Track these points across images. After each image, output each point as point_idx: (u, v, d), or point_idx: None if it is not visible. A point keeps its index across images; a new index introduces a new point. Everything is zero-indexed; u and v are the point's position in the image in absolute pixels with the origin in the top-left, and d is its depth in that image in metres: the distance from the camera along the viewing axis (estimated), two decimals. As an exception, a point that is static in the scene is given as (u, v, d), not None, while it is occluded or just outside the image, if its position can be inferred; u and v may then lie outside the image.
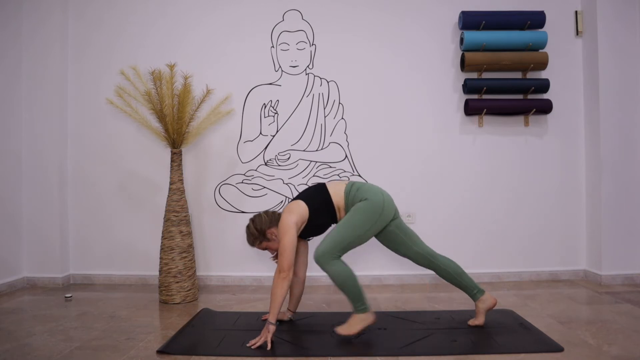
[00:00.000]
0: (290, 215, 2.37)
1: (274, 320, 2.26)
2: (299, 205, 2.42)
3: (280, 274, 2.28)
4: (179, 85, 3.19)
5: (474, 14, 3.50)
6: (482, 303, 2.52)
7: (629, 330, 2.41)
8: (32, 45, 3.62)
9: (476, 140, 3.63)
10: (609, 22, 3.46)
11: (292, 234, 2.32)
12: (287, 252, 2.28)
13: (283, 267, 2.27)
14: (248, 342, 2.26)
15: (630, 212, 3.46)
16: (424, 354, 2.15)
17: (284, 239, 2.31)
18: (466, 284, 2.53)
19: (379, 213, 2.41)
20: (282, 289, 2.27)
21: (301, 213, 2.40)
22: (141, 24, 3.69)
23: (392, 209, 2.47)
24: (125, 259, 3.68)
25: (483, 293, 2.53)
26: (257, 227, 2.47)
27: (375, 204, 2.40)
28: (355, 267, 3.55)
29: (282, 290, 2.27)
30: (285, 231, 2.32)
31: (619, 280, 3.42)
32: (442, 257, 2.56)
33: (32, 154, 3.63)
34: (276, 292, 2.27)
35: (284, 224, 2.34)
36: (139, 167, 3.68)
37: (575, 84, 3.65)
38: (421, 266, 2.59)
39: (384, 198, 2.44)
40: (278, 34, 3.65)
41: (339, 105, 3.65)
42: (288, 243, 2.30)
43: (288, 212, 2.39)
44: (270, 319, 2.26)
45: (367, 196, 2.42)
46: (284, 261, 2.28)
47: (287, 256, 2.28)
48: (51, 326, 2.60)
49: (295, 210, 2.39)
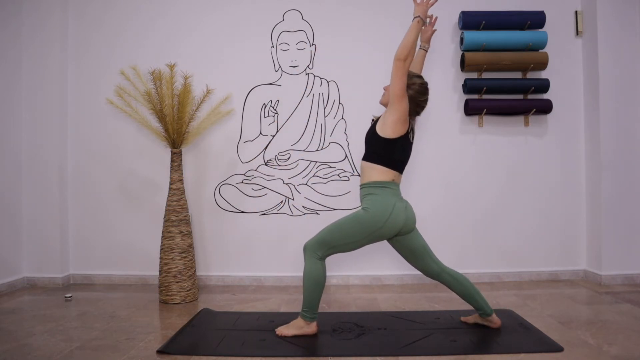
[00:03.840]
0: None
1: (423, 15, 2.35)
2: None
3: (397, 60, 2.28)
4: (179, 85, 3.19)
5: (474, 14, 3.50)
6: (484, 320, 2.50)
7: (629, 330, 2.42)
8: (32, 45, 3.62)
9: (476, 140, 3.63)
10: (609, 22, 3.46)
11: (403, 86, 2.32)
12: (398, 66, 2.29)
13: (399, 55, 2.28)
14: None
15: (630, 212, 3.46)
16: (424, 354, 2.16)
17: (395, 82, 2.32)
18: (475, 304, 2.47)
19: (377, 228, 2.31)
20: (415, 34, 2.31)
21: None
22: (141, 24, 3.69)
23: (396, 227, 2.33)
24: (125, 259, 3.68)
25: (490, 315, 2.46)
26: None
27: (374, 218, 2.30)
28: (356, 267, 3.60)
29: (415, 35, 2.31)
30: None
31: (619, 280, 3.42)
32: (447, 275, 2.46)
33: (32, 154, 3.63)
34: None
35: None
36: (139, 167, 3.68)
37: (575, 84, 3.65)
38: (430, 277, 2.52)
39: (389, 217, 2.30)
40: (278, 34, 3.65)
41: (339, 105, 3.65)
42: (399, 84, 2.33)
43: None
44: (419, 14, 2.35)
45: (370, 208, 2.32)
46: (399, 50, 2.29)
47: (401, 53, 2.29)
48: (51, 326, 2.60)
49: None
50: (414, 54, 2.34)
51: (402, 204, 2.38)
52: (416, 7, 2.41)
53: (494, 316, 2.47)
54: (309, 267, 2.33)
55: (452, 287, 2.48)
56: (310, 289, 2.33)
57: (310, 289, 2.33)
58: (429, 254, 2.48)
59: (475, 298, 2.45)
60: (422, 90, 2.42)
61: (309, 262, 2.34)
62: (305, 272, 2.34)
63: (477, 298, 2.45)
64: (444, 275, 2.46)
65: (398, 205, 2.34)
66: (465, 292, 2.46)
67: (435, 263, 2.48)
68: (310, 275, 2.33)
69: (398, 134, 2.35)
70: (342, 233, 2.35)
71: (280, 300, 3.17)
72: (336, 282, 3.59)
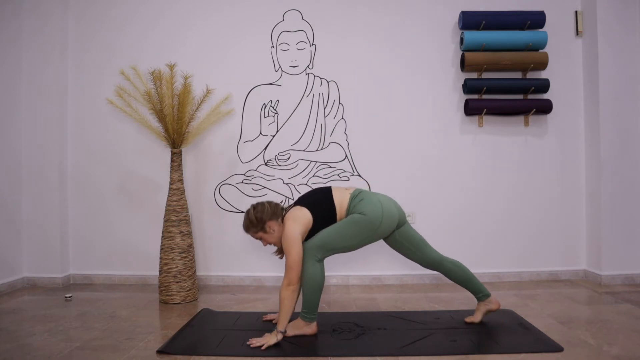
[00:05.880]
0: (295, 225, 2.34)
1: (283, 329, 2.27)
2: (304, 215, 2.38)
3: (289, 286, 2.27)
4: (179, 85, 3.19)
5: (474, 14, 3.50)
6: (485, 304, 2.56)
7: (629, 330, 2.41)
8: (32, 46, 3.62)
9: (476, 140, 3.63)
10: (609, 22, 3.46)
11: (299, 246, 2.30)
12: (296, 265, 2.27)
13: (292, 281, 2.27)
14: (248, 340, 2.27)
15: (630, 212, 3.46)
16: (424, 354, 2.15)
17: (292, 252, 2.28)
18: (474, 288, 2.56)
19: (375, 229, 2.37)
20: (292, 301, 2.28)
21: (306, 223, 2.37)
22: (141, 24, 3.69)
23: (392, 223, 2.43)
24: (125, 259, 3.68)
25: (489, 296, 2.56)
26: (257, 216, 2.41)
27: (371, 220, 2.36)
28: (355, 267, 3.60)
29: (292, 302, 2.29)
30: (292, 243, 2.29)
31: (619, 280, 3.42)
32: (448, 262, 2.55)
33: (32, 154, 3.63)
34: (287, 304, 2.27)
35: (290, 236, 2.31)
36: (139, 167, 3.68)
37: (575, 84, 3.65)
38: (430, 269, 2.60)
39: (383, 214, 2.38)
40: (278, 34, 3.66)
41: (339, 105, 3.65)
42: (297, 255, 2.28)
43: (293, 220, 2.36)
44: (280, 328, 2.27)
45: (365, 211, 2.37)
46: (293, 275, 2.27)
47: (296, 269, 2.27)
48: (51, 326, 2.60)
49: (300, 220, 2.36)
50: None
51: (384, 197, 2.50)
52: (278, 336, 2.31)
53: (492, 297, 2.57)
54: (309, 270, 2.32)
55: (453, 273, 2.55)
56: (310, 290, 2.33)
57: (310, 291, 2.33)
58: (426, 243, 2.59)
59: (474, 282, 2.56)
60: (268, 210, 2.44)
61: (308, 264, 2.33)
62: (306, 275, 2.33)
63: (475, 281, 2.56)
64: (445, 264, 2.55)
65: (382, 199, 2.45)
66: (465, 277, 2.55)
67: (435, 252, 2.58)
68: (311, 278, 2.32)
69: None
70: (341, 237, 2.37)
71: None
72: (336, 282, 3.59)
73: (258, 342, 2.23)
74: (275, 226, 2.43)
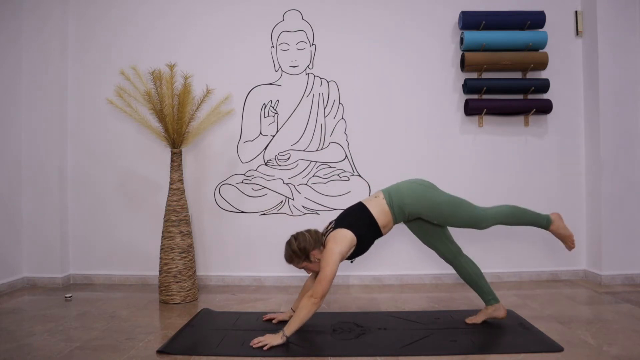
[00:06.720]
0: (336, 245, 2.29)
1: (289, 334, 2.26)
2: (345, 235, 2.33)
3: (312, 298, 2.24)
4: (179, 85, 3.19)
5: (474, 14, 3.50)
6: (492, 309, 2.54)
7: (629, 330, 2.41)
8: (32, 46, 3.62)
9: (476, 140, 3.63)
10: (609, 22, 3.46)
11: (336, 265, 2.27)
12: (327, 282, 2.24)
13: (318, 294, 2.23)
14: (251, 341, 2.25)
15: (631, 212, 3.46)
16: (424, 354, 2.16)
17: (326, 268, 2.25)
18: (484, 289, 2.56)
19: (430, 186, 2.51)
20: (309, 312, 2.25)
21: (348, 243, 2.33)
22: (141, 24, 3.69)
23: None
24: (125, 259, 3.68)
25: (497, 302, 2.55)
26: (300, 247, 2.38)
27: (420, 183, 2.51)
28: (355, 267, 3.59)
29: (309, 314, 2.25)
30: (330, 261, 2.26)
31: (619, 280, 3.42)
32: (467, 256, 2.61)
33: (32, 154, 3.63)
34: (303, 314, 2.24)
35: (331, 254, 2.27)
36: (139, 167, 3.68)
37: (575, 84, 3.65)
38: (445, 260, 2.62)
39: (417, 181, 2.54)
40: (278, 34, 3.66)
41: (339, 105, 3.65)
42: (330, 273, 2.25)
43: (334, 241, 2.31)
44: (287, 332, 2.25)
45: (407, 188, 2.47)
46: (320, 290, 2.23)
47: (325, 286, 2.24)
48: (51, 326, 2.60)
49: (343, 241, 2.31)
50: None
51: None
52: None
53: (501, 304, 2.58)
54: (495, 214, 2.51)
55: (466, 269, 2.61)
56: (520, 216, 2.56)
57: (521, 215, 2.56)
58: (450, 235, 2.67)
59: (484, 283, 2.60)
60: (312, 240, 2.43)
61: (492, 215, 2.51)
62: (501, 215, 2.50)
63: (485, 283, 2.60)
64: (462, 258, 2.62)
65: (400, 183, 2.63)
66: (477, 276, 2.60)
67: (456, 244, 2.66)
68: (503, 212, 2.54)
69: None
70: (449, 201, 2.54)
71: (280, 300, 3.17)
72: (336, 282, 3.59)
73: (260, 343, 2.23)
74: (319, 254, 2.39)
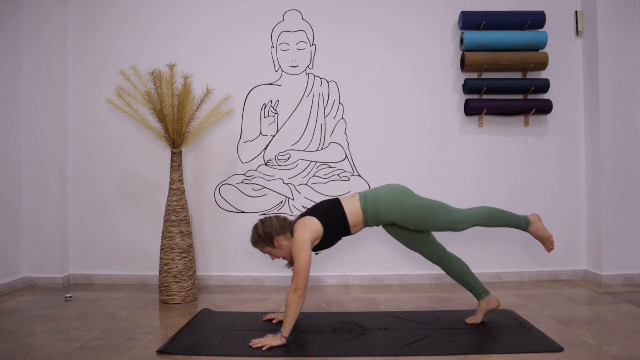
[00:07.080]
0: (304, 231, 2.32)
1: (287, 334, 2.26)
2: (313, 223, 2.36)
3: (296, 291, 2.24)
4: (179, 85, 3.19)
5: (474, 14, 3.50)
6: (485, 303, 2.55)
7: (629, 330, 2.41)
8: (32, 45, 3.62)
9: (476, 140, 3.63)
10: (609, 22, 3.46)
11: (308, 252, 2.28)
12: (304, 271, 2.25)
13: (299, 286, 2.24)
14: (250, 341, 2.25)
15: (631, 212, 3.46)
16: (424, 354, 2.16)
17: (300, 257, 2.26)
18: (472, 284, 2.57)
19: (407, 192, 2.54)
20: (298, 306, 2.25)
21: (316, 230, 2.36)
22: (141, 23, 3.69)
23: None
24: (125, 259, 3.68)
25: (488, 294, 2.56)
26: (265, 230, 2.39)
27: (398, 189, 2.52)
28: (355, 267, 3.60)
29: (298, 307, 2.25)
30: (301, 249, 2.28)
31: (619, 280, 3.42)
32: (452, 254, 2.62)
33: (32, 154, 3.63)
34: (293, 310, 2.24)
35: (300, 241, 2.29)
36: (139, 167, 3.68)
37: (575, 84, 3.65)
38: (431, 261, 2.63)
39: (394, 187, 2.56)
40: (278, 34, 3.66)
41: (339, 105, 3.65)
42: (305, 262, 2.26)
43: (302, 228, 2.34)
44: (284, 333, 2.25)
45: (384, 194, 2.48)
46: (300, 280, 2.24)
47: (304, 275, 2.25)
48: (51, 326, 2.60)
49: (310, 227, 2.34)
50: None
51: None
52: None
53: (492, 295, 2.59)
54: (475, 215, 2.55)
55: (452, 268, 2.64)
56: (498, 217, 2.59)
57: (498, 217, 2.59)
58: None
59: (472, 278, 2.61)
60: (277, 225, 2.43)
61: (471, 217, 2.54)
62: (480, 216, 2.53)
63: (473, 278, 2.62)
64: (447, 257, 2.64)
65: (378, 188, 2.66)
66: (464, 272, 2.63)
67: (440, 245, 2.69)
68: (481, 214, 2.57)
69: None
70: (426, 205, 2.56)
71: (280, 300, 3.17)
72: (336, 282, 3.59)
73: (260, 343, 2.23)
74: (284, 241, 2.40)
